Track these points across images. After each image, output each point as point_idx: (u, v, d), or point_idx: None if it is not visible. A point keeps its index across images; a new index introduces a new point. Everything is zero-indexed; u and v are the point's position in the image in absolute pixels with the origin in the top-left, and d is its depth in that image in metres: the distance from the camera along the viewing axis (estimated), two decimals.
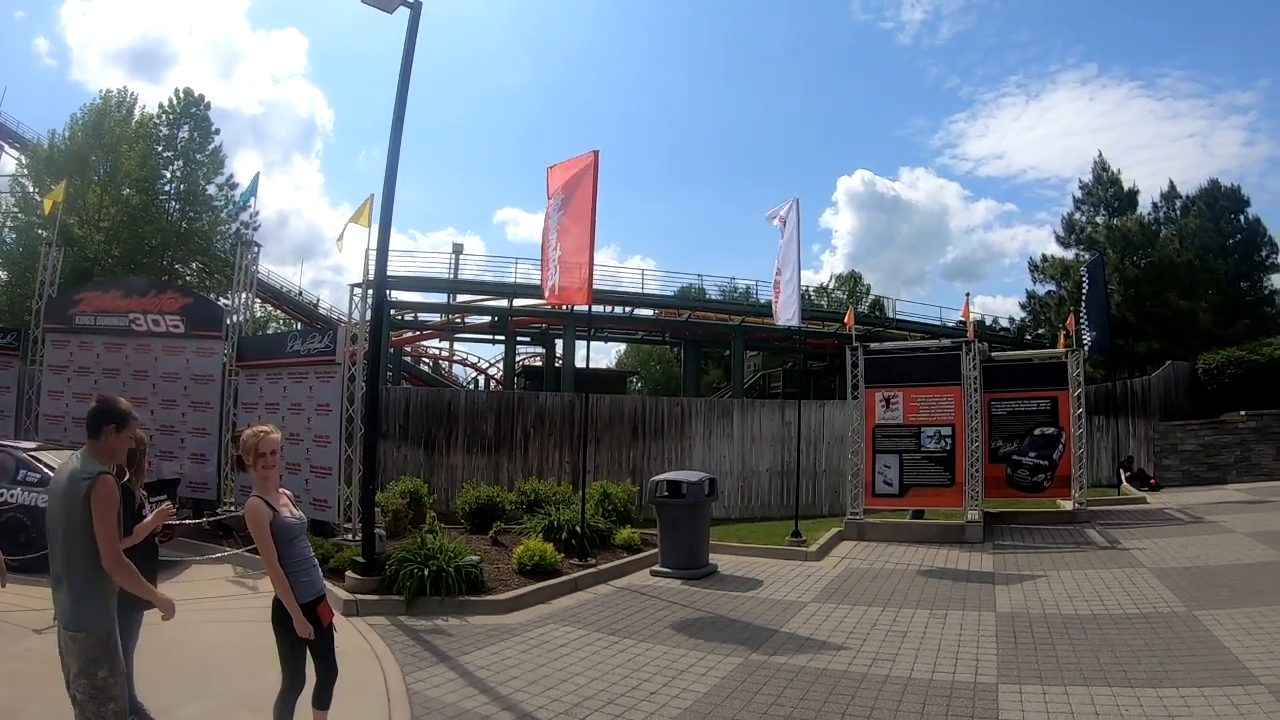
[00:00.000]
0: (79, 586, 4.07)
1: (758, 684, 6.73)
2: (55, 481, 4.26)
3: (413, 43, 10.41)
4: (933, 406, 15.21)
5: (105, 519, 3.99)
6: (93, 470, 4.06)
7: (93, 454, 4.19)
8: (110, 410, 4.34)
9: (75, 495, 4.02)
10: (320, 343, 13.54)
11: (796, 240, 14.44)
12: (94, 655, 4.11)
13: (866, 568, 12.25)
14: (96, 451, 4.22)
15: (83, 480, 4.02)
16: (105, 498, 4.01)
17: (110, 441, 4.29)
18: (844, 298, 60.57)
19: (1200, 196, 42.63)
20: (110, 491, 4.04)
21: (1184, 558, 11.70)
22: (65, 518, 4.06)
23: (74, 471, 4.10)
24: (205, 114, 36.68)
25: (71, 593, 4.08)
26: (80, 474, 4.06)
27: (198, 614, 8.91)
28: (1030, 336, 42.88)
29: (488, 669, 7.16)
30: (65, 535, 4.07)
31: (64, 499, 4.08)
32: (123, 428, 4.35)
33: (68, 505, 4.05)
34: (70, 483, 4.07)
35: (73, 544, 4.06)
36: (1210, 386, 25.91)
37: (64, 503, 4.07)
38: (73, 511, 4.03)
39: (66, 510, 4.05)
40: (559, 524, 12.52)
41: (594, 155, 12.06)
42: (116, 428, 4.30)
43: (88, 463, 4.14)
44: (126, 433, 4.38)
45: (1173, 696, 6.05)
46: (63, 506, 4.08)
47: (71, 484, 4.06)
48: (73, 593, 4.08)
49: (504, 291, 39.55)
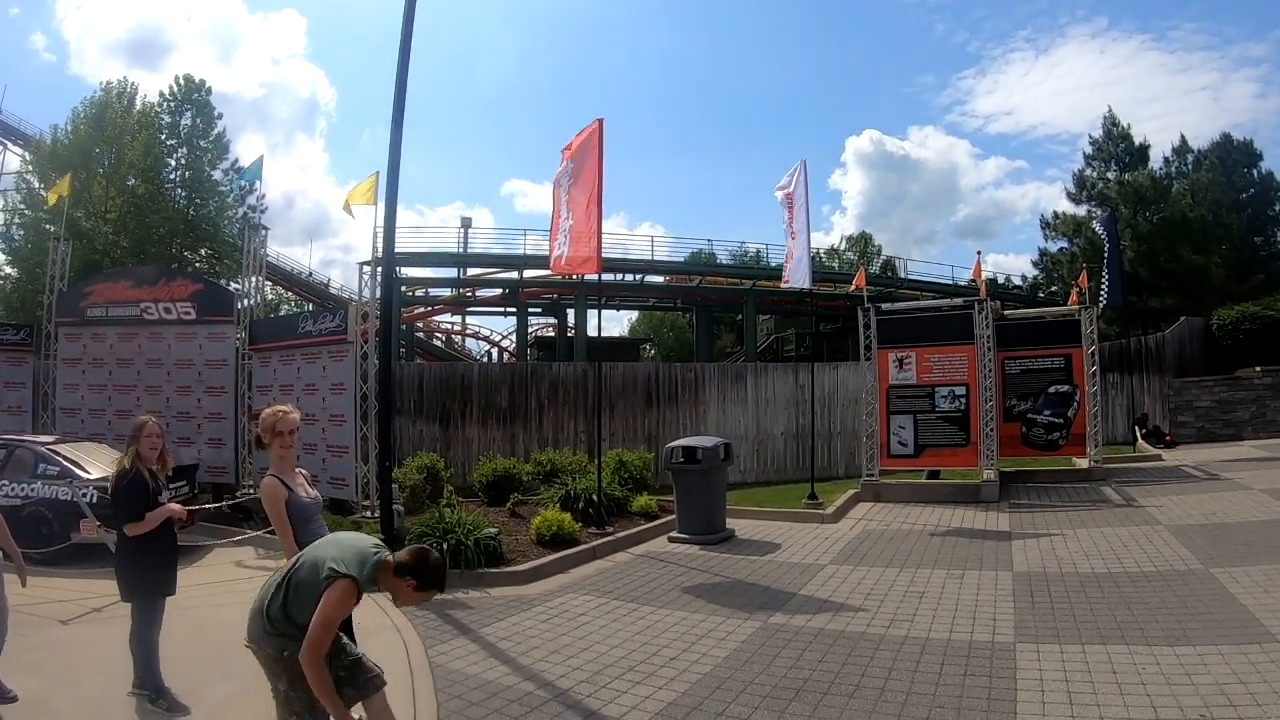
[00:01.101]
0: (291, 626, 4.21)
1: (776, 647, 6.77)
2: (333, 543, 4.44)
3: (412, 15, 10.36)
4: (946, 366, 15.18)
5: (323, 618, 4.06)
6: (336, 573, 4.11)
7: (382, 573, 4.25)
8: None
9: (316, 575, 4.15)
10: (332, 322, 13.58)
11: (805, 203, 14.37)
12: (270, 668, 4.32)
13: (883, 529, 12.28)
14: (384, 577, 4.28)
15: (327, 578, 4.10)
16: (339, 599, 4.09)
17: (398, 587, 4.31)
18: (855, 259, 60.32)
19: (1212, 150, 42.23)
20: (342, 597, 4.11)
21: (1200, 515, 11.68)
22: (303, 577, 4.23)
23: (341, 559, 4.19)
24: (207, 100, 36.62)
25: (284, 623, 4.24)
26: (337, 566, 4.13)
27: (221, 597, 9.00)
28: (1043, 294, 42.64)
29: (509, 640, 7.22)
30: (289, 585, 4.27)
31: (313, 566, 4.22)
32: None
33: (311, 572, 4.20)
34: (324, 561, 4.20)
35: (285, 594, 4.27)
36: (1225, 342, 25.76)
37: (312, 568, 4.22)
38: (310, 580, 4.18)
39: (308, 575, 4.21)
40: (576, 493, 12.57)
41: (598, 123, 12.02)
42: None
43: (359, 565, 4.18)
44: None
45: (1190, 655, 6.06)
46: (310, 568, 4.23)
47: (322, 564, 4.17)
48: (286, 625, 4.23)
49: (514, 263, 39.46)
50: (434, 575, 4.29)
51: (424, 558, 4.29)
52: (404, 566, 4.22)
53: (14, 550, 5.70)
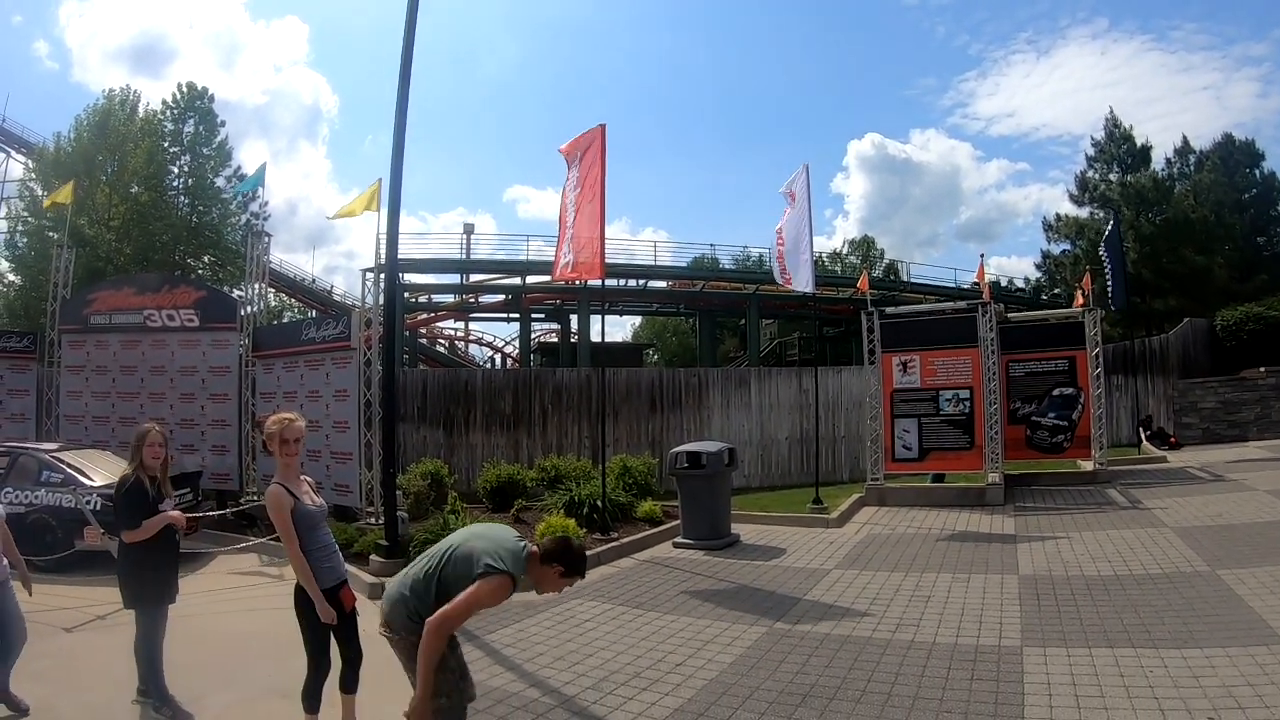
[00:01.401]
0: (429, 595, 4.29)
1: (782, 653, 6.76)
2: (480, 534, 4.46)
3: (413, 22, 10.38)
4: (950, 369, 15.16)
5: (469, 602, 4.12)
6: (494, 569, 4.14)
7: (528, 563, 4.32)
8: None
9: (470, 567, 4.19)
10: (335, 329, 13.57)
11: (808, 207, 14.35)
12: (413, 656, 4.25)
13: (888, 533, 12.25)
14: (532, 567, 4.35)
15: (484, 572, 4.14)
16: (492, 591, 4.12)
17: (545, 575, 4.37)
18: (858, 263, 60.33)
19: (1214, 151, 42.14)
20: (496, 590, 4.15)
21: (1206, 516, 11.66)
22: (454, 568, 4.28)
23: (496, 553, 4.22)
24: (209, 107, 36.75)
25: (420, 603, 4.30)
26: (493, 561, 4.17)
27: (224, 604, 9.02)
28: (1046, 296, 42.63)
29: (514, 646, 7.20)
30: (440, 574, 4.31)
31: (466, 557, 4.26)
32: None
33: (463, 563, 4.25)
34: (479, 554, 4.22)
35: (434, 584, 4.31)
36: (1229, 343, 25.74)
37: (464, 559, 4.26)
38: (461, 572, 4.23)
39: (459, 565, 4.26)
40: (580, 499, 12.56)
41: (601, 129, 12.02)
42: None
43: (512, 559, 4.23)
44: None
45: (1197, 657, 6.04)
46: (462, 559, 4.28)
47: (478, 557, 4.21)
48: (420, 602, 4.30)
49: (517, 269, 39.47)
50: (579, 560, 4.38)
51: (568, 544, 4.39)
52: (550, 554, 4.31)
53: (18, 559, 5.70)
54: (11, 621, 5.46)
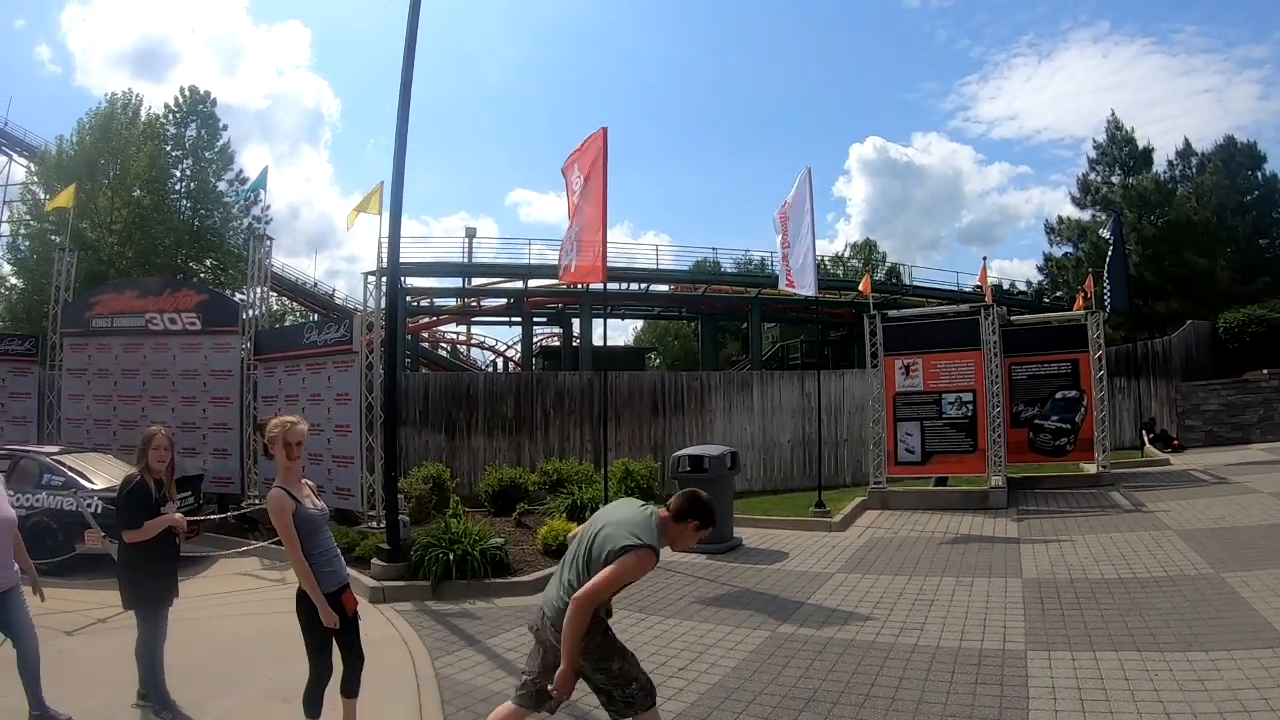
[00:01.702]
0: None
1: (786, 657, 6.74)
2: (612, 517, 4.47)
3: (415, 26, 10.37)
4: (953, 372, 15.14)
5: (614, 577, 4.14)
6: (638, 542, 4.16)
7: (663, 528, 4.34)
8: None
9: (610, 548, 4.19)
10: (337, 333, 13.54)
11: (810, 210, 14.33)
12: (599, 653, 4.36)
13: (891, 537, 12.23)
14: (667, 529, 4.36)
15: (626, 547, 4.14)
16: (636, 564, 4.14)
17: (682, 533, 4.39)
18: (860, 266, 60.30)
19: (1216, 153, 42.17)
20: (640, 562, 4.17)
21: (1209, 519, 11.64)
22: (597, 556, 4.25)
23: (631, 530, 4.24)
24: (212, 111, 36.64)
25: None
26: (630, 540, 4.18)
27: (226, 607, 9.00)
28: (1048, 299, 42.62)
29: (516, 650, 7.17)
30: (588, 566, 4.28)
31: (604, 542, 4.26)
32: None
33: (603, 549, 4.23)
34: (615, 536, 4.23)
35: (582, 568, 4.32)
36: (1232, 345, 25.69)
37: (603, 545, 4.25)
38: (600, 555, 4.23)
39: (600, 552, 4.24)
40: (582, 503, 12.56)
41: (602, 132, 12.00)
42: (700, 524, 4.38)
43: (647, 530, 4.25)
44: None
45: (1202, 660, 6.03)
46: (601, 545, 4.27)
47: (615, 540, 4.21)
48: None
49: (519, 273, 39.48)
50: (711, 511, 4.40)
51: (697, 497, 4.41)
52: (683, 512, 4.35)
53: (28, 565, 5.68)
54: (24, 628, 5.44)
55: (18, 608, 5.42)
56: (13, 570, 5.45)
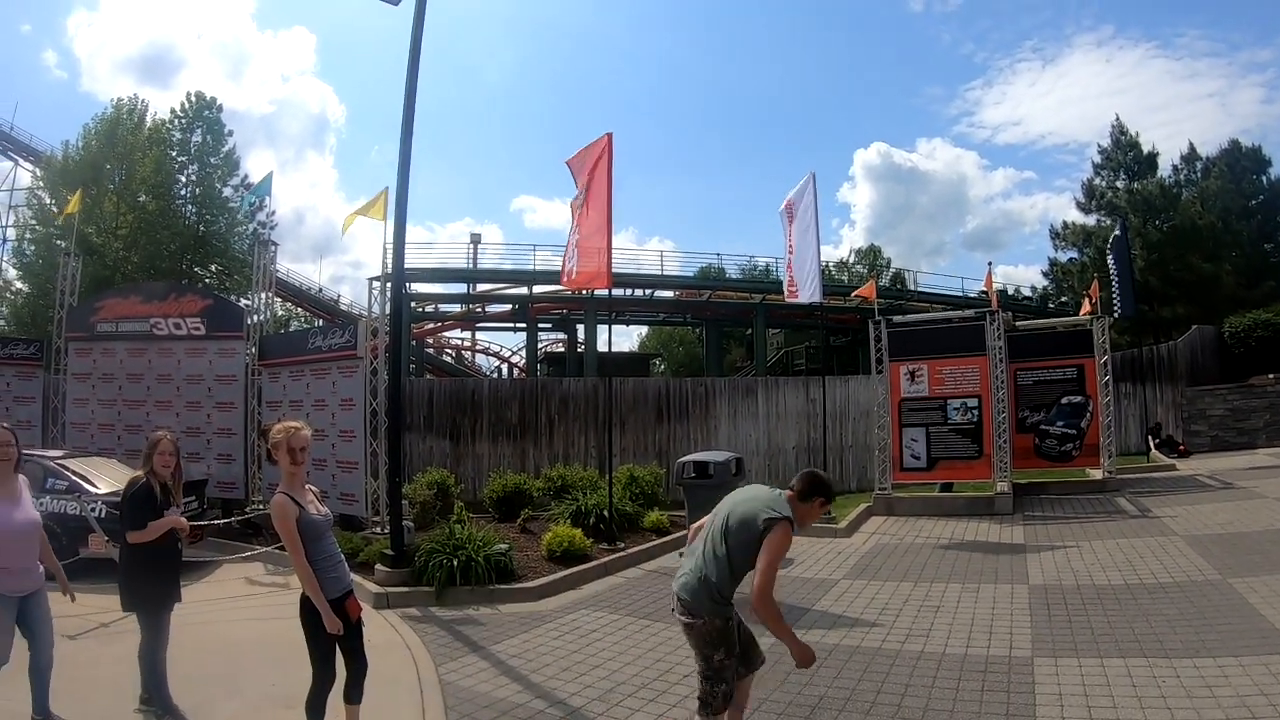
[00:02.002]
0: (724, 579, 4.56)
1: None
2: (742, 499, 4.72)
3: (419, 33, 10.38)
4: (958, 378, 15.12)
5: (771, 558, 4.36)
6: (776, 518, 4.41)
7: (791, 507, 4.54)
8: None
9: (752, 527, 4.45)
10: (341, 338, 13.54)
11: (814, 215, 14.31)
12: (710, 639, 4.59)
13: (897, 543, 12.21)
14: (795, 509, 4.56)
15: (767, 524, 4.40)
16: (782, 539, 4.39)
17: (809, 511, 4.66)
18: (864, 272, 60.25)
19: (1221, 158, 42.01)
20: (785, 536, 4.43)
21: (1216, 524, 11.60)
22: (736, 537, 4.51)
23: (768, 506, 4.51)
24: (217, 116, 36.75)
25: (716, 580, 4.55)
26: (769, 513, 4.44)
27: (229, 612, 8.99)
28: (1054, 305, 42.50)
29: (520, 657, 7.17)
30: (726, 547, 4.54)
31: (742, 521, 4.52)
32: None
33: (743, 528, 4.50)
34: (754, 513, 4.50)
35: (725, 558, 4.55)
36: (1237, 350, 25.65)
37: (741, 524, 4.51)
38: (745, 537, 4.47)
39: (740, 532, 4.50)
40: (587, 509, 12.51)
41: (607, 137, 12.01)
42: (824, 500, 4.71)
43: (782, 506, 4.51)
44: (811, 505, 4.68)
45: (1209, 666, 6.00)
46: (740, 525, 4.52)
47: (754, 516, 4.48)
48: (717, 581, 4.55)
49: (523, 279, 39.49)
50: (831, 488, 4.77)
51: (818, 476, 4.74)
52: (807, 491, 4.63)
53: (55, 566, 5.68)
54: (44, 631, 5.44)
55: (42, 610, 5.43)
56: (39, 573, 5.46)
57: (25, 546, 5.37)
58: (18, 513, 5.35)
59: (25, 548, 5.37)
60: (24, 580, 5.33)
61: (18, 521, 5.33)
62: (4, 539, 5.22)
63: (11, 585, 5.24)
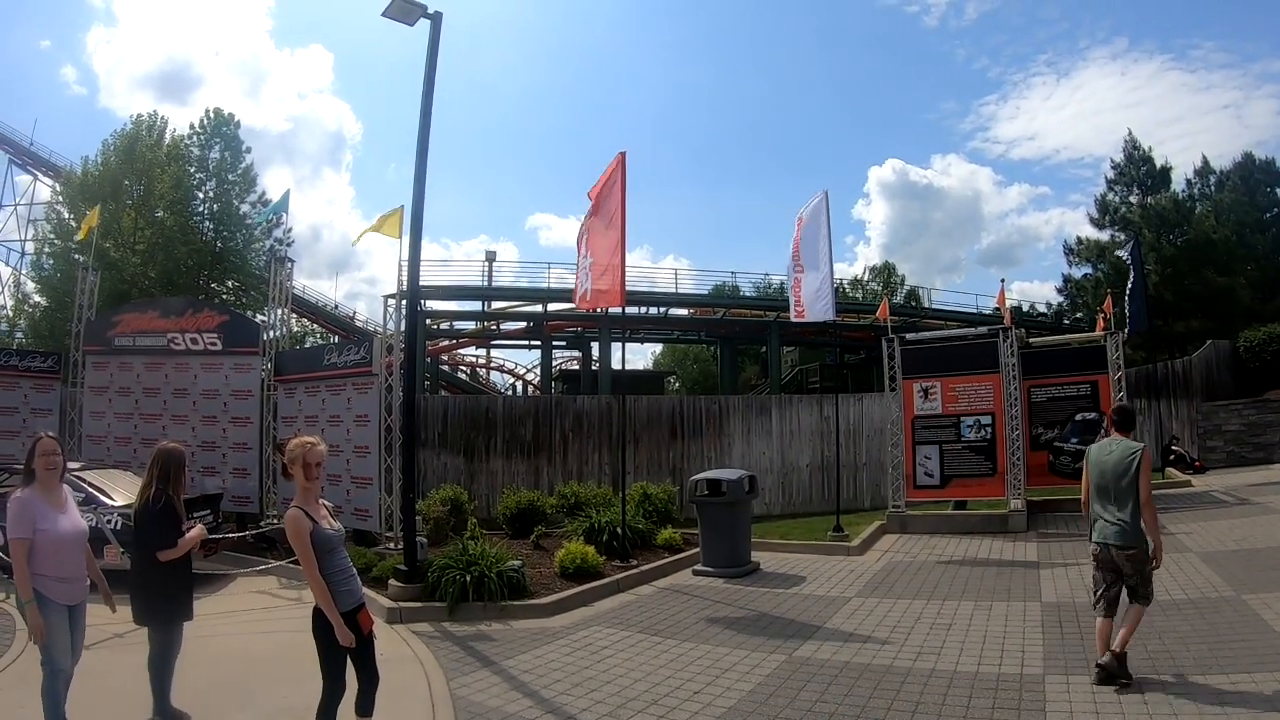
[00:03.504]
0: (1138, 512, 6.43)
1: (801, 681, 6.71)
2: (1105, 449, 6.78)
3: (435, 54, 10.50)
4: (971, 395, 15.09)
5: (1148, 476, 6.45)
6: (1139, 445, 6.56)
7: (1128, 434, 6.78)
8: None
9: (1132, 464, 6.46)
10: (356, 355, 13.62)
11: (827, 233, 14.29)
12: (1145, 557, 6.47)
13: (909, 561, 12.18)
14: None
15: (1135, 451, 6.51)
16: (1148, 459, 6.52)
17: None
18: (879, 289, 60.16)
19: (1235, 171, 41.91)
20: (1149, 457, 6.55)
21: (1230, 541, 11.54)
22: (1117, 469, 6.54)
23: (1128, 447, 6.56)
24: (235, 133, 36.97)
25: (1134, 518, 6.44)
26: (1132, 448, 6.54)
27: (243, 625, 9.04)
28: (1068, 321, 42.31)
29: (531, 673, 7.19)
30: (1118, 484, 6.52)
31: (1116, 462, 6.56)
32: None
33: (1120, 465, 6.53)
34: (1127, 447, 6.57)
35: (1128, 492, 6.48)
36: (1253, 364, 25.50)
37: (1115, 462, 6.57)
38: (1127, 470, 6.47)
39: (1120, 467, 6.52)
40: (600, 526, 12.51)
41: (621, 156, 12.05)
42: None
43: (1133, 441, 6.67)
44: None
45: (1224, 683, 5.98)
46: (1115, 462, 6.58)
47: (1129, 455, 6.50)
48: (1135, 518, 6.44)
49: (538, 297, 39.59)
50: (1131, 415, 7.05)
51: (1122, 407, 7.08)
52: (1125, 423, 6.90)
53: (99, 577, 5.73)
54: (78, 644, 5.49)
55: (81, 622, 5.50)
56: (85, 584, 5.51)
57: (76, 555, 5.44)
58: (68, 521, 5.42)
59: (77, 556, 5.44)
60: (75, 589, 5.40)
61: (70, 530, 5.40)
62: (58, 547, 5.27)
63: (64, 594, 5.30)
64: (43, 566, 5.18)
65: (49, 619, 5.18)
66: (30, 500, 5.23)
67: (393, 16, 10.25)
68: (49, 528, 5.22)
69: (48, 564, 5.20)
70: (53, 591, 5.21)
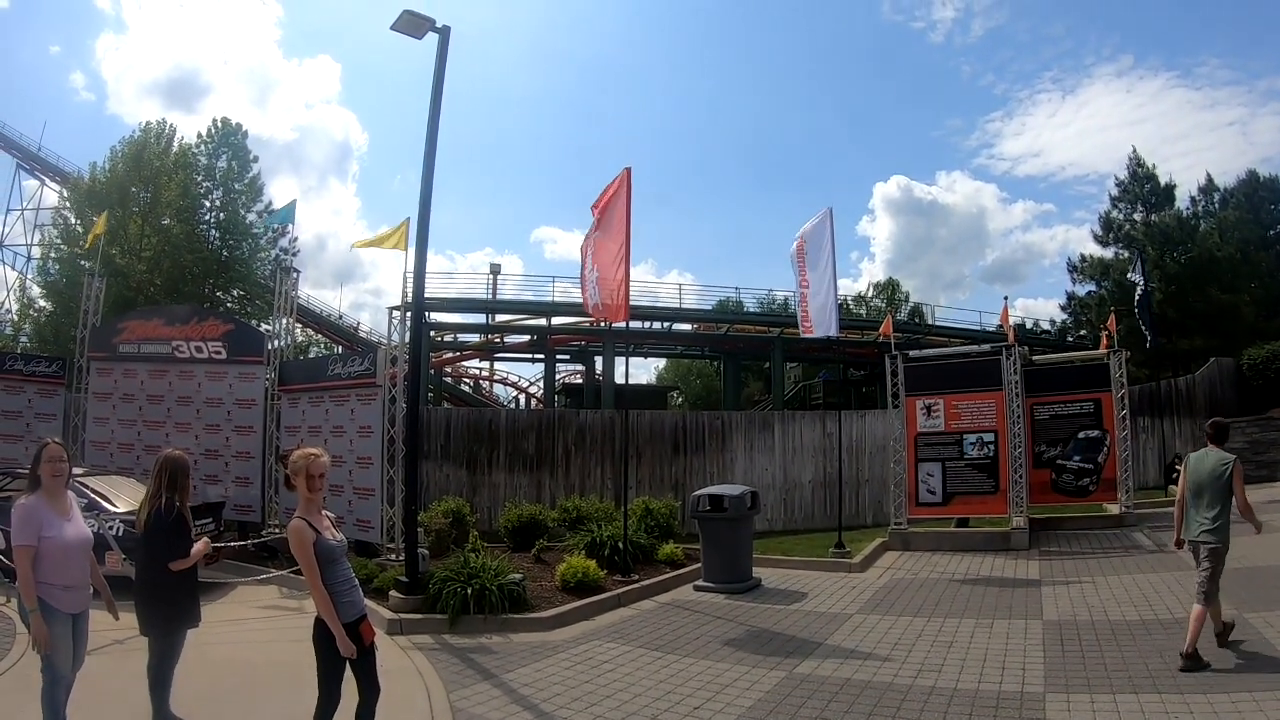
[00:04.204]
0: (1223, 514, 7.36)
1: (802, 698, 6.71)
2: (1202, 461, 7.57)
3: (443, 68, 10.58)
4: (974, 413, 15.08)
5: (1242, 481, 7.35)
6: (1231, 457, 7.41)
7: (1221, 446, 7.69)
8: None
9: (1222, 474, 7.32)
10: (360, 365, 13.64)
11: (831, 251, 14.30)
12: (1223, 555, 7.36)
13: (911, 578, 12.16)
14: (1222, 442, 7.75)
15: (1227, 463, 7.35)
16: (1240, 469, 7.40)
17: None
18: (883, 306, 60.20)
19: (1239, 188, 41.95)
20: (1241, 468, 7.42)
21: (1232, 559, 11.26)
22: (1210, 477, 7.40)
23: (1221, 457, 7.42)
24: (243, 142, 37.18)
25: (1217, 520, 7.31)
26: (1225, 458, 7.40)
27: (244, 634, 9.05)
28: (1072, 338, 42.25)
29: (531, 686, 7.19)
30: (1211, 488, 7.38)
31: (1210, 470, 7.41)
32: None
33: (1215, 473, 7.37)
34: (1222, 459, 7.42)
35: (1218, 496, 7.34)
36: (1256, 382, 25.49)
37: (1210, 470, 7.41)
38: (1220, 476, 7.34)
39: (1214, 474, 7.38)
40: (601, 540, 12.50)
41: (626, 172, 12.09)
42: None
43: (1225, 453, 7.51)
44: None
45: (1224, 703, 5.97)
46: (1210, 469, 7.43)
47: (1224, 461, 7.38)
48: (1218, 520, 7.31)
49: (542, 310, 39.66)
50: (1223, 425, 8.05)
51: (1217, 421, 8.06)
52: (1219, 436, 7.79)
53: (102, 584, 5.73)
54: (80, 653, 5.49)
55: (84, 631, 5.49)
56: (89, 592, 5.51)
57: (81, 562, 5.44)
58: (73, 528, 5.42)
59: (81, 564, 5.44)
60: (80, 596, 5.39)
61: (75, 537, 5.39)
62: (64, 554, 5.27)
63: (69, 602, 5.29)
64: (48, 574, 5.18)
65: (53, 629, 5.17)
66: (36, 507, 5.23)
67: (401, 30, 10.31)
68: (54, 535, 5.22)
69: (53, 571, 5.20)
70: (57, 599, 5.21)
